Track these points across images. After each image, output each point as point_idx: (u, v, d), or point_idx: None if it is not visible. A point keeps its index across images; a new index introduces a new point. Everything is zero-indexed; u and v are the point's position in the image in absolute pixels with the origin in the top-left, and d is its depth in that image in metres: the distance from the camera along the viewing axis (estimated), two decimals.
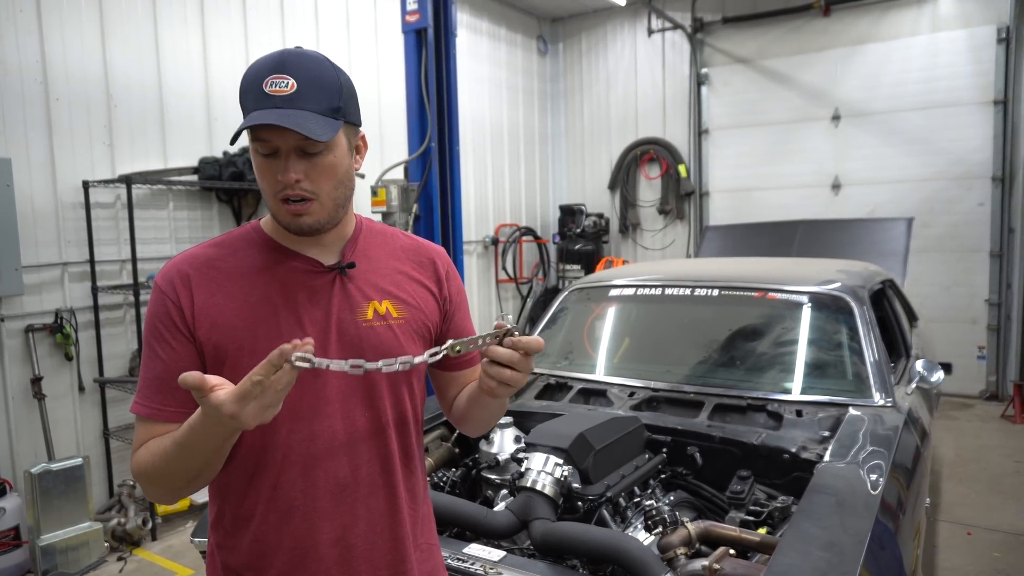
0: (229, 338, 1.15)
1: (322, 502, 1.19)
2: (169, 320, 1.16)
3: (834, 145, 7.13)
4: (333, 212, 1.19)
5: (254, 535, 1.20)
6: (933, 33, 6.61)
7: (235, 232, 1.27)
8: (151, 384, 1.17)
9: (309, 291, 1.21)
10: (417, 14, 4.46)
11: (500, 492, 2.35)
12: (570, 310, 3.47)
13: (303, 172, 1.13)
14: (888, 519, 1.81)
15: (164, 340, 1.16)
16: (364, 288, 1.25)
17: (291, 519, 1.18)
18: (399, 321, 1.26)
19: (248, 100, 1.13)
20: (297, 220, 1.16)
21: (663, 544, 1.85)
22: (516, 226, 8.04)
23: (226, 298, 1.18)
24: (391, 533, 1.25)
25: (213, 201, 4.91)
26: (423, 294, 1.32)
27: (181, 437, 1.08)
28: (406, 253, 1.34)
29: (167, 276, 1.20)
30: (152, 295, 1.20)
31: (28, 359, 3.97)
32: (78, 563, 3.73)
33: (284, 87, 1.11)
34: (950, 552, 3.73)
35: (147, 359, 1.19)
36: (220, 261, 1.21)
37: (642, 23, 8.14)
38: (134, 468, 1.18)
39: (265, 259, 1.22)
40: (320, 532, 1.19)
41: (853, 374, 2.66)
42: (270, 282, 1.20)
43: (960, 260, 6.66)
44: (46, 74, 4.01)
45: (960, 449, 5.30)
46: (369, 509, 1.22)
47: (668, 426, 2.48)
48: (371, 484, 1.23)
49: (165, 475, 1.13)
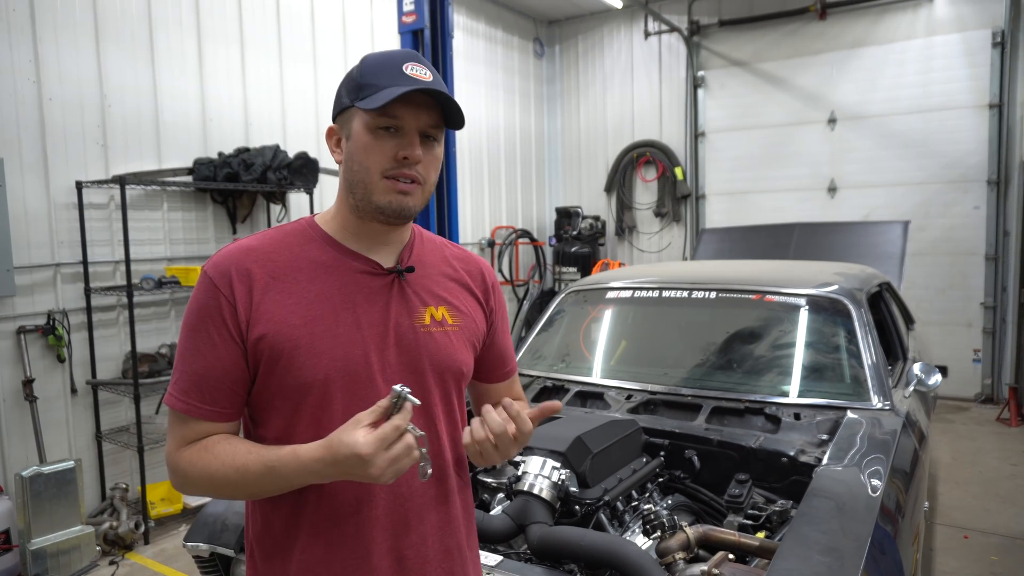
0: (286, 336, 1.12)
1: (377, 510, 1.17)
2: (220, 318, 1.12)
3: (830, 148, 7.14)
4: (424, 204, 1.21)
5: (304, 546, 1.16)
6: (929, 37, 6.63)
7: (289, 226, 1.24)
8: (190, 379, 1.14)
9: (368, 292, 1.19)
10: (414, 15, 4.45)
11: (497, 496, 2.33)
12: (567, 312, 3.46)
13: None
14: (888, 523, 1.80)
15: (209, 337, 1.13)
16: (421, 293, 1.25)
17: (344, 528, 1.16)
18: (454, 328, 1.26)
19: (381, 79, 1.13)
20: (401, 199, 1.16)
21: (661, 548, 1.83)
22: (512, 228, 8.02)
23: (284, 294, 1.15)
24: (442, 543, 1.23)
25: (208, 202, 4.88)
26: (473, 304, 1.32)
27: (280, 464, 1.05)
28: (458, 262, 1.35)
29: (222, 269, 1.15)
30: (201, 285, 1.15)
31: (20, 361, 3.93)
32: (69, 567, 3.69)
33: (424, 74, 1.14)
34: (947, 555, 3.72)
35: (188, 351, 1.15)
36: (277, 255, 1.18)
37: (639, 26, 8.15)
38: (182, 466, 1.13)
39: (325, 256, 1.20)
40: (373, 541, 1.16)
41: (851, 377, 2.65)
42: (329, 280, 1.18)
43: (955, 263, 6.67)
44: (39, 75, 3.98)
45: (956, 452, 5.30)
46: (422, 518, 1.21)
47: (666, 429, 2.46)
48: (424, 491, 1.21)
49: (234, 486, 1.10)
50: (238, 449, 1.10)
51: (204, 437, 1.14)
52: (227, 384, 1.14)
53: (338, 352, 1.14)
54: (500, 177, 8.04)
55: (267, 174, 4.68)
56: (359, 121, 1.15)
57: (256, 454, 1.09)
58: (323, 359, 1.13)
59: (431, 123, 1.16)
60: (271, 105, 5.32)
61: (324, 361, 1.13)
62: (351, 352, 1.15)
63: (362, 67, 1.17)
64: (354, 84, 1.17)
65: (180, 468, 1.14)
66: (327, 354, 1.14)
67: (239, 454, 1.09)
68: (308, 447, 1.05)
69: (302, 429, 1.14)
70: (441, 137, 1.21)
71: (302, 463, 1.04)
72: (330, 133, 1.23)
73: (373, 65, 1.16)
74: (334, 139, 1.22)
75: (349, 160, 1.18)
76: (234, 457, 1.09)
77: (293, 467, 1.05)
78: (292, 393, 1.13)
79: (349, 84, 1.18)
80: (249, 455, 1.09)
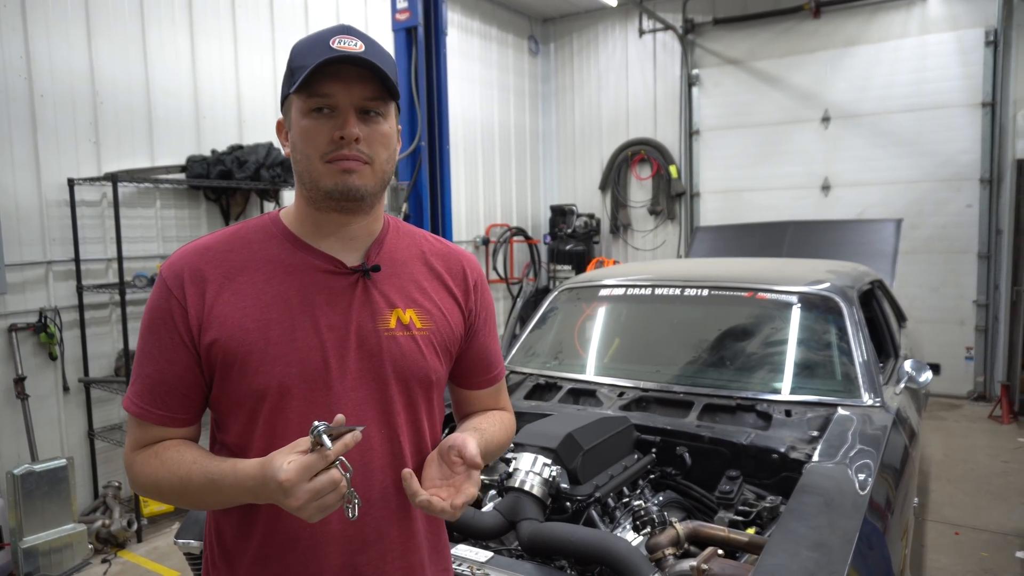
0: (238, 341, 1.07)
1: (331, 524, 1.10)
2: (171, 322, 1.08)
3: (824, 147, 7.16)
4: (380, 186, 1.12)
5: (255, 556, 1.12)
6: (922, 35, 6.65)
7: (252, 222, 1.18)
8: (144, 382, 1.11)
9: (328, 293, 1.12)
10: (407, 12, 4.44)
11: (489, 492, 2.33)
12: (560, 310, 3.46)
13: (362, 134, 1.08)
14: (876, 519, 1.81)
15: (161, 341, 1.09)
16: (389, 294, 1.16)
17: (297, 544, 1.10)
18: (423, 332, 1.17)
19: (309, 59, 1.05)
20: (346, 179, 1.07)
21: (651, 544, 1.83)
22: (507, 226, 8.02)
23: (239, 295, 1.09)
24: (404, 560, 1.16)
25: (201, 200, 4.87)
26: (449, 304, 1.23)
27: (219, 477, 1.01)
28: (436, 258, 1.25)
29: (175, 270, 1.10)
30: (156, 287, 1.12)
31: (11, 359, 3.92)
32: (61, 565, 3.68)
33: (354, 46, 1.06)
34: (938, 552, 3.74)
35: (143, 355, 1.11)
36: (234, 254, 1.12)
37: (633, 24, 8.15)
38: (134, 470, 1.11)
39: (284, 254, 1.13)
40: (327, 557, 1.10)
41: (842, 374, 2.66)
42: (287, 280, 1.11)
43: (948, 261, 6.69)
44: (30, 70, 3.96)
45: (948, 449, 5.33)
46: (381, 534, 1.13)
47: (657, 426, 2.47)
48: (385, 505, 1.14)
49: (178, 495, 1.07)
50: (184, 458, 1.06)
51: (159, 441, 1.11)
52: (180, 390, 1.09)
53: (294, 357, 1.08)
54: (495, 175, 8.04)
55: (260, 171, 4.67)
56: (295, 108, 1.09)
57: (200, 465, 1.04)
58: (278, 365, 1.07)
59: (367, 96, 1.07)
60: (265, 102, 5.30)
61: (279, 367, 1.07)
62: (308, 357, 1.08)
63: (293, 51, 1.11)
64: (288, 71, 1.10)
65: (132, 471, 1.12)
66: (282, 359, 1.07)
67: (184, 463, 1.05)
68: (246, 464, 1.00)
69: (257, 438, 1.09)
70: (386, 111, 1.11)
71: (238, 479, 1.00)
72: (279, 127, 1.17)
73: (303, 47, 1.09)
74: (283, 132, 1.16)
75: (294, 150, 1.11)
76: (179, 466, 1.05)
77: (230, 482, 1.01)
78: (246, 400, 1.08)
79: (285, 72, 1.12)
80: (193, 465, 1.05)
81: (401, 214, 4.57)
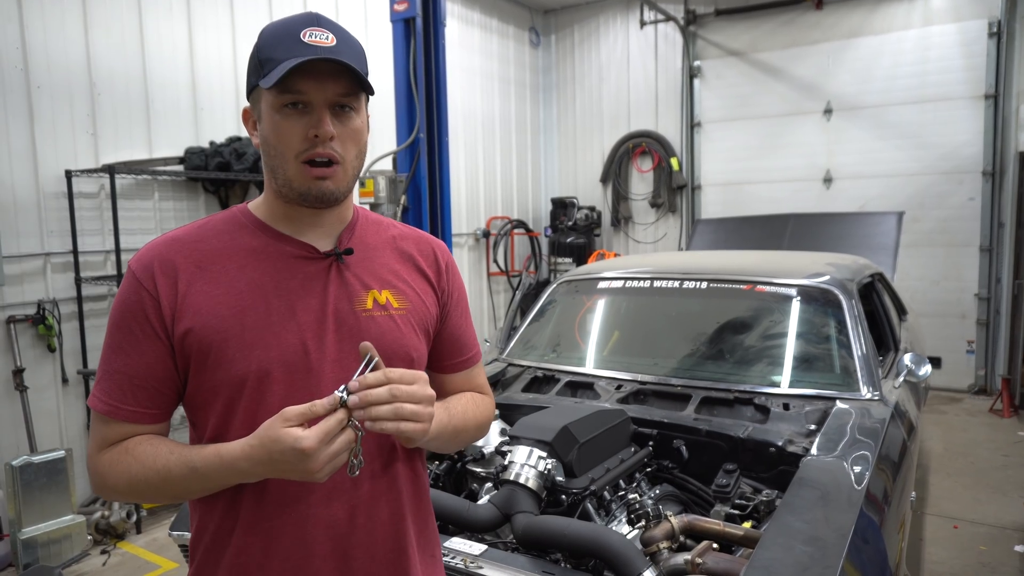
0: (213, 328, 1.06)
1: (316, 507, 1.09)
2: (142, 314, 1.06)
3: (826, 139, 7.12)
4: (350, 183, 1.13)
5: (238, 547, 1.10)
6: (925, 27, 6.60)
7: (220, 214, 1.17)
8: (112, 378, 1.08)
9: (303, 278, 1.12)
10: (405, 3, 4.41)
11: (485, 485, 2.33)
12: (558, 303, 3.45)
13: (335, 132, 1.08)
14: (873, 512, 1.80)
15: (132, 335, 1.07)
16: (363, 276, 1.17)
17: (283, 526, 1.09)
18: (400, 311, 1.18)
19: (279, 52, 1.05)
20: (320, 184, 1.08)
21: (646, 538, 1.83)
22: (507, 219, 8.00)
23: (212, 284, 1.08)
24: (396, 543, 1.16)
25: (199, 192, 4.85)
26: (423, 285, 1.24)
27: (202, 463, 1.01)
28: (406, 242, 1.26)
29: (145, 262, 1.09)
30: (125, 280, 1.10)
31: (10, 350, 3.92)
32: (60, 556, 3.69)
33: (325, 39, 1.06)
34: (936, 545, 3.74)
35: (111, 350, 1.09)
36: (204, 244, 1.11)
37: (634, 15, 8.10)
38: (101, 469, 1.07)
39: (256, 242, 1.13)
40: (315, 542, 1.09)
41: (840, 367, 2.65)
42: (260, 267, 1.11)
43: (950, 255, 6.67)
44: (27, 61, 3.94)
45: (948, 443, 5.32)
46: (371, 517, 1.13)
47: (654, 419, 2.46)
48: (372, 486, 1.13)
49: (156, 490, 1.05)
50: (160, 450, 1.04)
51: (127, 439, 1.08)
52: (152, 383, 1.08)
53: (272, 342, 1.07)
54: (495, 167, 8.01)
55: (259, 163, 4.66)
56: (266, 101, 1.08)
57: (178, 454, 1.03)
58: (255, 351, 1.07)
59: (341, 92, 1.07)
60: None
61: (257, 353, 1.07)
62: (287, 341, 1.08)
63: (260, 40, 1.09)
64: (255, 61, 1.09)
65: (99, 471, 1.08)
66: (260, 345, 1.07)
67: (160, 455, 1.04)
68: (232, 445, 1.00)
69: (236, 426, 1.07)
70: (358, 105, 1.11)
71: (225, 462, 1.00)
72: (245, 115, 1.16)
73: (270, 37, 1.08)
74: (250, 121, 1.15)
75: (264, 144, 1.11)
76: (155, 459, 1.04)
77: (216, 466, 1.00)
78: (224, 388, 1.07)
79: (252, 61, 1.10)
80: (171, 455, 1.03)
81: (400, 206, 4.56)
